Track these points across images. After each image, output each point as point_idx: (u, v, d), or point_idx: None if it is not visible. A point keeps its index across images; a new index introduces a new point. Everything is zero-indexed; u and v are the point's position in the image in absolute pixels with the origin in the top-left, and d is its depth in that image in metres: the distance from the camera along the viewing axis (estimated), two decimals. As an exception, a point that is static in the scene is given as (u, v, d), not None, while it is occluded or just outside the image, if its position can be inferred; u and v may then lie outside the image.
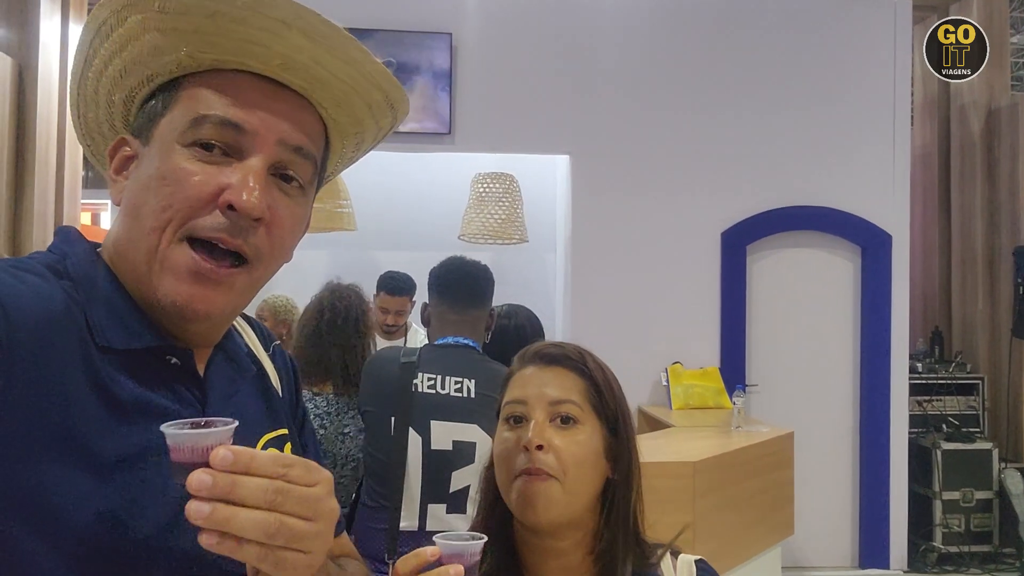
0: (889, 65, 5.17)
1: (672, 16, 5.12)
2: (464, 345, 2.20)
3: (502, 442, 1.08)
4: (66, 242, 0.81)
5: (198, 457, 0.61)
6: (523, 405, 1.09)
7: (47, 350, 0.69)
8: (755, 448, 3.47)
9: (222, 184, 0.75)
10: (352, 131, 0.89)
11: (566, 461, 1.04)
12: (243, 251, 0.77)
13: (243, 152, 0.77)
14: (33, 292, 0.71)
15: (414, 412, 2.07)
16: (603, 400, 1.10)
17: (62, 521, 0.67)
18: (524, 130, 5.00)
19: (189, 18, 0.75)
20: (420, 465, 2.05)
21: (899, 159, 5.24)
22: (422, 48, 4.85)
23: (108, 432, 0.71)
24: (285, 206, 0.80)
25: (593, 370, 1.11)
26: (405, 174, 5.33)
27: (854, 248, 5.30)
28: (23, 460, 0.66)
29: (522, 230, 4.76)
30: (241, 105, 0.77)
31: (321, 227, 4.51)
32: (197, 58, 0.78)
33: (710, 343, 5.04)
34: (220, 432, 0.63)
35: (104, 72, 0.81)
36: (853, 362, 5.29)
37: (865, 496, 5.19)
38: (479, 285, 2.30)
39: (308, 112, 0.83)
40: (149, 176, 0.77)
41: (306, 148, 0.81)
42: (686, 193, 5.07)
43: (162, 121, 0.78)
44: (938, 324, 6.08)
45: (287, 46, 0.77)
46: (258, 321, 1.03)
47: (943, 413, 5.53)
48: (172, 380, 0.79)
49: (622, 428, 1.11)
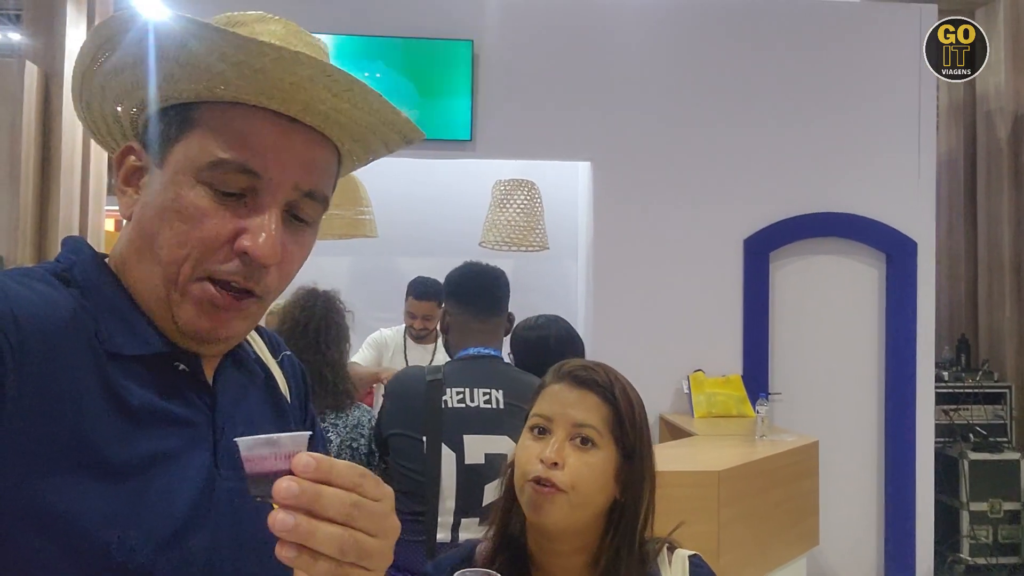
0: (914, 70, 5.12)
1: (694, 21, 5.10)
2: (488, 355, 2.18)
3: (524, 448, 1.19)
4: (73, 251, 0.81)
5: (274, 466, 0.61)
6: (548, 420, 1.19)
7: (58, 357, 0.69)
8: (780, 457, 3.43)
9: (238, 228, 0.76)
10: (364, 157, 0.92)
11: (576, 478, 1.14)
12: (254, 291, 0.78)
13: (258, 194, 0.77)
14: (42, 300, 0.71)
15: (446, 429, 2.05)
16: (623, 428, 1.19)
17: (73, 527, 0.67)
18: (545, 137, 4.99)
19: (211, 60, 0.75)
20: (454, 481, 2.03)
21: (924, 165, 5.18)
22: (443, 55, 4.85)
23: (119, 439, 0.71)
24: (295, 242, 0.81)
25: (619, 398, 1.20)
26: (426, 180, 5.33)
27: (879, 255, 5.24)
28: (35, 466, 0.66)
29: (543, 237, 4.75)
30: (258, 148, 0.77)
31: (342, 234, 4.51)
32: (215, 93, 0.77)
33: (733, 351, 4.99)
34: (296, 437, 0.63)
35: (114, 77, 0.81)
36: (878, 370, 5.22)
37: (891, 506, 5.11)
38: (500, 292, 2.29)
39: (324, 147, 0.83)
40: (164, 207, 0.77)
41: (318, 192, 0.81)
42: (708, 200, 5.03)
43: (177, 148, 0.78)
44: (964, 332, 6.00)
45: (310, 96, 0.77)
46: (267, 329, 1.03)
47: (970, 423, 5.45)
48: (181, 386, 0.80)
49: (637, 456, 1.20)
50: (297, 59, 0.74)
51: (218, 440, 0.80)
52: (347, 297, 2.80)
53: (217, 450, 0.80)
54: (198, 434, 0.79)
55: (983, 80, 6.00)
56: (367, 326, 4.23)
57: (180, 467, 0.76)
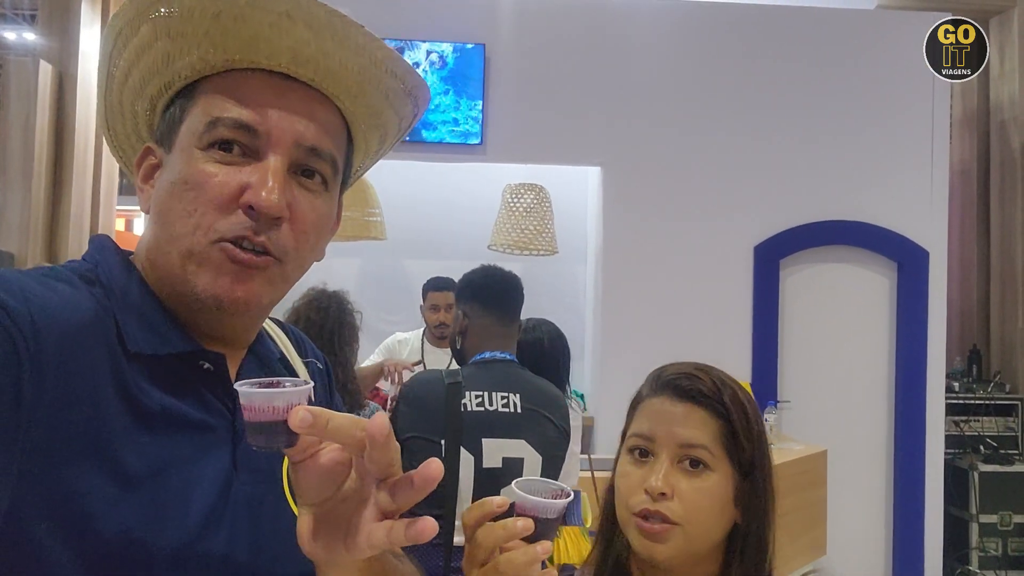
0: (927, 79, 5.08)
1: (706, 28, 5.08)
2: (505, 359, 2.18)
3: (624, 475, 1.04)
4: (99, 250, 0.81)
5: (273, 416, 0.61)
6: (650, 441, 1.04)
7: (75, 359, 0.69)
8: (788, 466, 3.42)
9: (242, 184, 0.76)
10: (372, 123, 0.89)
11: (689, 508, 0.99)
12: (267, 247, 0.77)
13: (259, 152, 0.77)
14: (62, 300, 0.71)
15: (465, 432, 2.04)
16: (738, 443, 1.03)
17: (87, 530, 0.67)
18: (556, 141, 4.98)
19: (194, 21, 0.76)
20: (472, 484, 2.02)
21: (937, 174, 5.15)
22: (455, 59, 4.86)
23: (134, 442, 0.71)
24: (307, 202, 0.80)
25: (731, 407, 1.05)
26: (436, 183, 5.34)
27: (890, 264, 5.21)
28: (51, 468, 0.65)
29: (552, 241, 4.74)
30: (253, 105, 0.77)
31: (351, 236, 4.52)
32: (208, 61, 0.78)
33: (742, 358, 4.97)
34: (297, 391, 0.62)
35: (125, 84, 0.82)
36: (888, 380, 5.19)
37: (899, 517, 5.08)
38: (520, 297, 2.29)
39: (323, 106, 0.83)
40: (172, 182, 0.78)
41: (321, 148, 0.81)
42: (719, 206, 5.01)
43: (182, 128, 0.79)
44: (976, 342, 5.95)
45: (293, 39, 0.77)
46: (294, 328, 1.02)
47: (980, 434, 5.41)
48: (203, 388, 0.79)
49: (758, 472, 1.04)
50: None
51: (237, 443, 0.80)
52: (355, 299, 2.79)
53: (236, 453, 0.79)
54: (217, 437, 0.79)
55: (997, 90, 5.96)
56: (375, 328, 4.23)
57: (197, 471, 0.75)
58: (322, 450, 0.64)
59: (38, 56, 4.30)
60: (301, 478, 0.65)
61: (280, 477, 0.82)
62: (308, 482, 0.65)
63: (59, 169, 4.47)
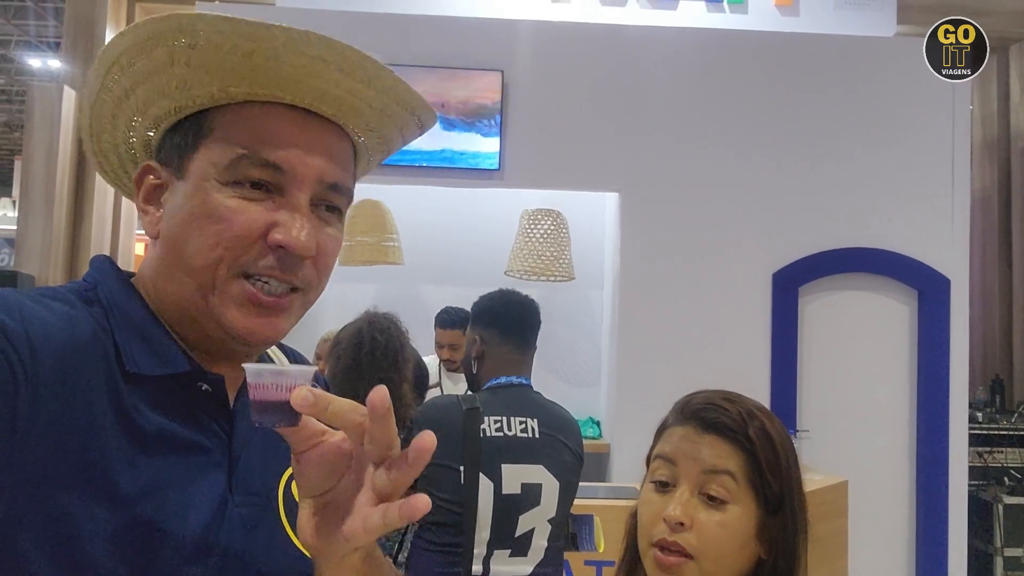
0: (947, 106, 5.07)
1: (723, 54, 5.09)
2: (521, 384, 2.16)
3: (647, 504, 1.04)
4: (99, 271, 0.81)
5: (279, 395, 0.63)
6: (672, 467, 1.03)
7: (72, 379, 0.69)
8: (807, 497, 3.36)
9: (269, 222, 0.76)
10: (380, 149, 0.91)
11: (706, 540, 0.97)
12: (294, 284, 0.78)
13: (283, 189, 0.77)
14: (59, 321, 0.71)
15: (484, 457, 2.02)
16: (763, 477, 1.01)
17: (79, 550, 0.66)
18: (573, 167, 4.98)
19: (221, 55, 0.75)
20: (491, 510, 2.00)
21: (958, 201, 5.10)
22: (473, 85, 4.88)
23: (129, 464, 0.71)
24: (328, 236, 0.81)
25: (756, 442, 1.02)
26: (453, 209, 5.35)
27: (911, 292, 5.15)
28: (45, 487, 0.65)
29: (569, 267, 4.73)
30: (278, 144, 0.77)
31: (368, 260, 4.54)
32: (229, 93, 0.77)
33: (760, 386, 4.91)
34: (302, 372, 0.64)
35: (125, 99, 0.80)
36: (909, 410, 5.11)
37: (922, 550, 4.98)
38: (537, 323, 2.28)
39: (340, 139, 0.83)
40: (191, 214, 0.77)
41: (341, 184, 0.81)
42: (737, 233, 4.99)
43: (196, 156, 0.78)
44: (999, 372, 5.87)
45: (323, 80, 0.77)
46: (291, 348, 1.02)
47: (1004, 465, 5.32)
48: (200, 410, 0.78)
49: (787, 507, 1.02)
50: (307, 39, 0.74)
51: (234, 466, 0.80)
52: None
53: (232, 476, 0.79)
54: (212, 460, 0.78)
55: (1018, 117, 5.93)
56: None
57: (191, 493, 0.75)
58: (324, 440, 0.66)
59: (62, 82, 4.37)
60: (304, 469, 0.66)
61: (275, 499, 0.82)
62: (310, 473, 0.66)
63: (80, 193, 4.52)
